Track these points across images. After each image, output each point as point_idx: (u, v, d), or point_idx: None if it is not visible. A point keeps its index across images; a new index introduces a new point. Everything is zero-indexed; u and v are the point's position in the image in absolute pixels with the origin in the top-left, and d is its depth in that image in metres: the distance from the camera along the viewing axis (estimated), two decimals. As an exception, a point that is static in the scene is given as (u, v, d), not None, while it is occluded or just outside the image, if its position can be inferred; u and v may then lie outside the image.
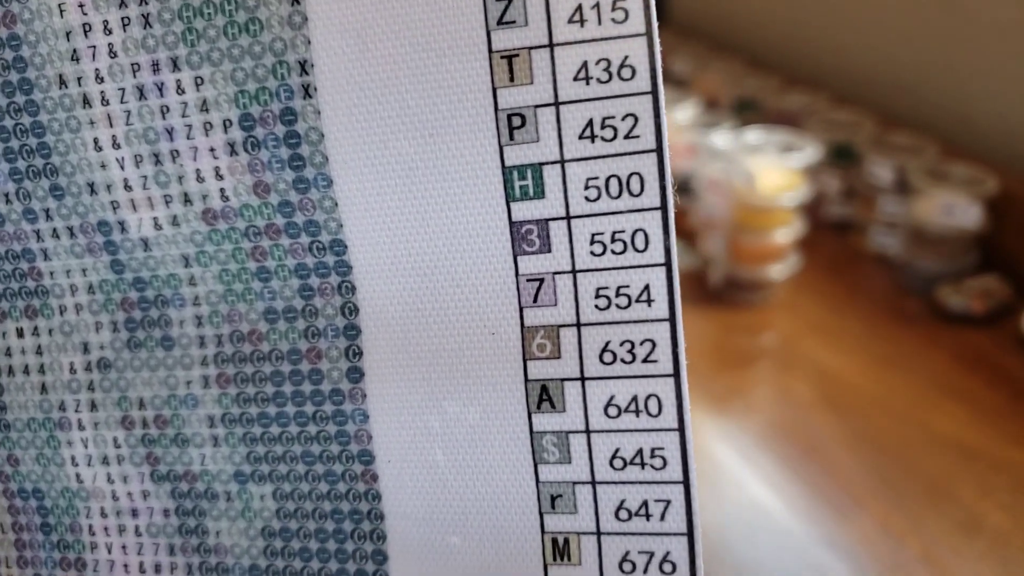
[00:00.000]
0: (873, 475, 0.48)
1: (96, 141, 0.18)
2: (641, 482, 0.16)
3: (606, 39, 0.15)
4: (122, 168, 0.18)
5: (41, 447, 0.21)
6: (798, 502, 0.47)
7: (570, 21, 0.15)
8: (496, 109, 0.16)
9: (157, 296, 0.19)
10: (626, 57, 0.15)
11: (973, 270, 0.56)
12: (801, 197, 0.56)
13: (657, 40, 0.15)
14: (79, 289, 0.19)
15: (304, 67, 0.16)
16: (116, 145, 0.18)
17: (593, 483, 0.17)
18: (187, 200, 0.18)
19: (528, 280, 0.16)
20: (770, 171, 0.58)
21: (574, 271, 0.16)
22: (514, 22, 0.15)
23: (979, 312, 0.55)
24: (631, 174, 0.15)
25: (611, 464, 0.17)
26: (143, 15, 0.17)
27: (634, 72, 0.15)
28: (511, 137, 0.16)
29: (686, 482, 0.16)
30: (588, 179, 0.16)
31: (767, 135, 0.60)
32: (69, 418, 0.20)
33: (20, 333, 0.20)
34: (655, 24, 0.15)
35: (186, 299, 0.19)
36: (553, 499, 0.17)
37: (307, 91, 0.16)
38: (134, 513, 0.20)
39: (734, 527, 0.45)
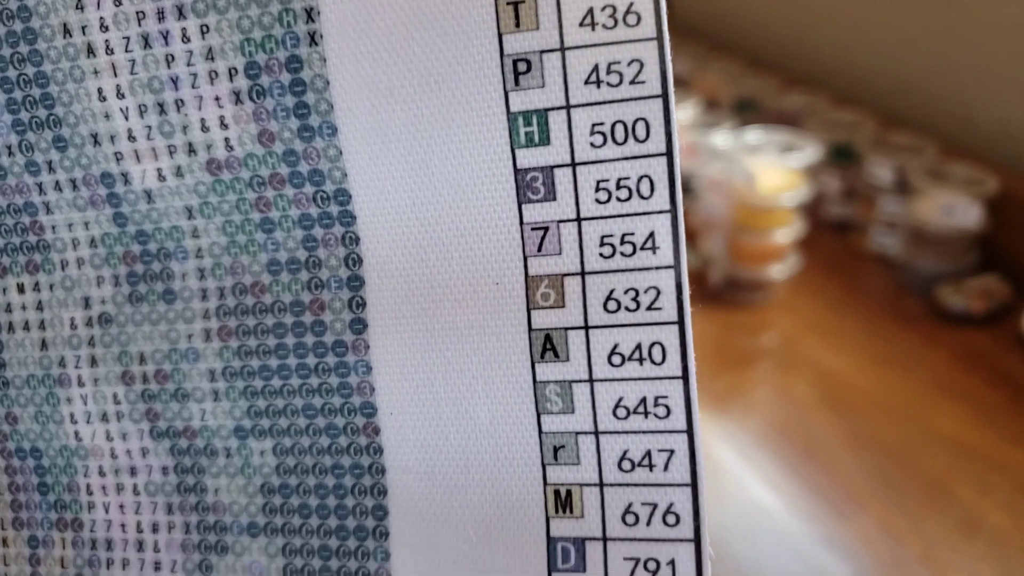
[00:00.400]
0: (873, 475, 0.48)
1: (100, 91, 0.18)
2: (644, 431, 0.16)
3: None
4: (126, 118, 0.18)
5: (40, 404, 0.21)
6: (798, 502, 0.47)
7: None
8: (502, 55, 0.16)
9: (160, 249, 0.19)
10: (631, 4, 0.15)
11: (973, 270, 0.56)
12: (801, 197, 0.57)
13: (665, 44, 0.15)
14: (81, 243, 0.20)
15: (310, 14, 0.17)
16: (120, 95, 0.18)
17: (596, 433, 0.17)
18: (191, 150, 0.18)
19: (533, 229, 0.16)
20: (770, 171, 0.58)
21: (579, 219, 0.16)
22: (521, -33, 0.15)
23: (979, 312, 0.55)
24: (637, 120, 0.15)
25: (614, 413, 0.17)
26: (150, -37, 0.17)
27: (639, 19, 0.15)
28: (516, 83, 0.16)
29: (690, 431, 0.16)
30: (593, 125, 0.16)
31: (767, 135, 0.60)
32: (69, 374, 0.20)
33: (21, 289, 0.20)
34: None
35: (189, 252, 0.19)
36: (556, 450, 0.17)
37: (313, 38, 0.17)
38: (132, 471, 0.20)
39: (734, 527, 0.45)
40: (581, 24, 0.15)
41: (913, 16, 0.64)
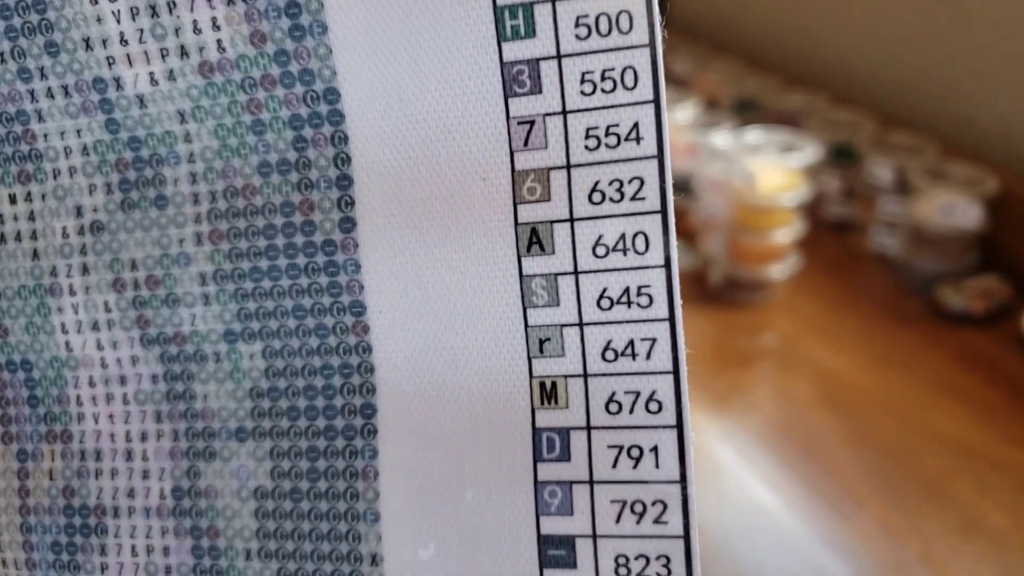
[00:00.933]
0: (873, 475, 0.48)
1: (95, -9, 0.19)
2: (627, 321, 0.17)
3: None
4: (118, 21, 0.19)
5: (31, 315, 0.21)
6: (798, 502, 0.47)
7: None
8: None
9: (152, 155, 0.19)
10: None
11: (973, 270, 0.57)
12: (801, 197, 0.57)
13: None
14: (73, 151, 0.20)
15: None
16: (115, -4, 0.19)
17: (580, 325, 0.17)
18: (184, 53, 0.18)
19: (519, 123, 0.17)
20: (770, 171, 0.59)
21: (564, 112, 0.17)
22: None
23: (979, 312, 0.55)
24: (620, 12, 0.16)
25: (598, 304, 0.17)
26: None
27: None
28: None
29: (671, 319, 0.17)
30: (578, 17, 0.16)
31: (767, 135, 0.61)
32: (60, 283, 0.21)
33: (13, 199, 0.21)
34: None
35: (181, 156, 0.19)
36: (541, 343, 0.17)
37: None
38: (122, 380, 0.20)
39: (734, 527, 0.45)
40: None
41: (913, 16, 0.65)
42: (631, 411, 0.17)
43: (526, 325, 0.18)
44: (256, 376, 0.20)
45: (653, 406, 0.17)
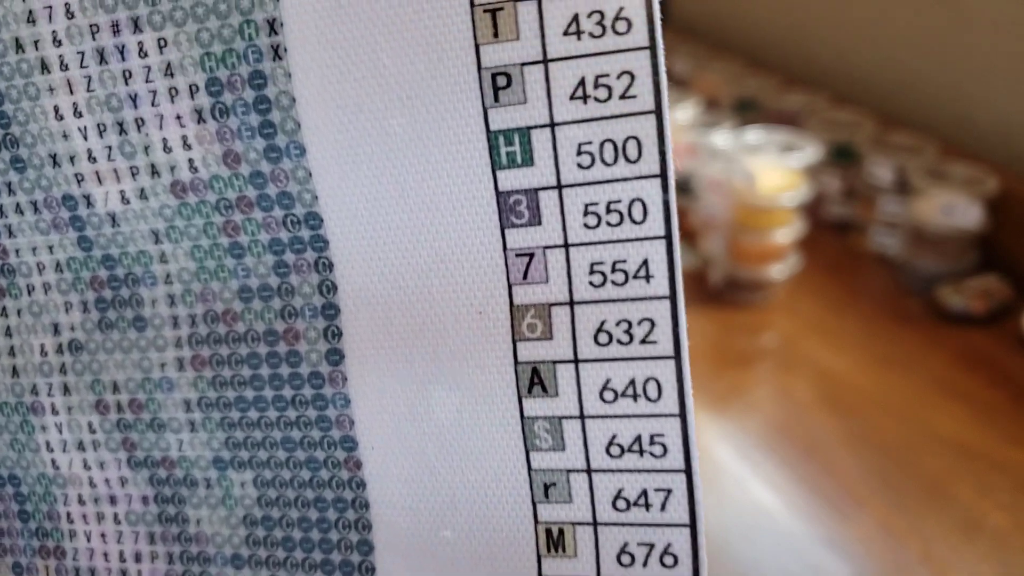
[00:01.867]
0: (873, 475, 0.47)
1: (57, 109, 0.16)
2: (640, 470, 0.15)
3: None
4: (85, 138, 0.16)
5: (15, 432, 0.19)
6: (798, 502, 0.45)
7: None
8: (479, 68, 0.14)
9: (127, 274, 0.17)
10: (621, 8, 0.13)
11: (973, 270, 0.54)
12: (801, 197, 0.55)
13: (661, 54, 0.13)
14: (46, 267, 0.18)
15: (273, 26, 0.15)
16: (78, 113, 0.16)
17: (589, 471, 0.15)
18: (155, 172, 0.16)
19: (517, 255, 0.15)
20: (770, 171, 0.56)
21: (566, 245, 0.14)
22: (498, -29, 0.14)
23: (979, 312, 0.53)
24: (628, 138, 0.14)
25: (607, 451, 0.15)
26: (103, -29, 0.15)
27: (630, 25, 0.13)
28: (496, 99, 0.14)
29: (688, 470, 0.14)
30: (581, 144, 0.14)
31: (767, 135, 0.58)
32: (42, 402, 0.19)
33: (-14, 315, 0.19)
34: (659, 40, 0.13)
35: (157, 277, 0.17)
36: (546, 487, 0.15)
37: (277, 52, 0.15)
38: (112, 500, 0.19)
39: (734, 527, 0.43)
40: (565, 33, 0.13)
41: (912, 16, 0.62)
42: (645, 564, 0.15)
43: (529, 468, 0.15)
44: (249, 504, 0.18)
45: (668, 560, 0.15)
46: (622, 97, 0.13)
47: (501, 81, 0.14)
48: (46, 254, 0.18)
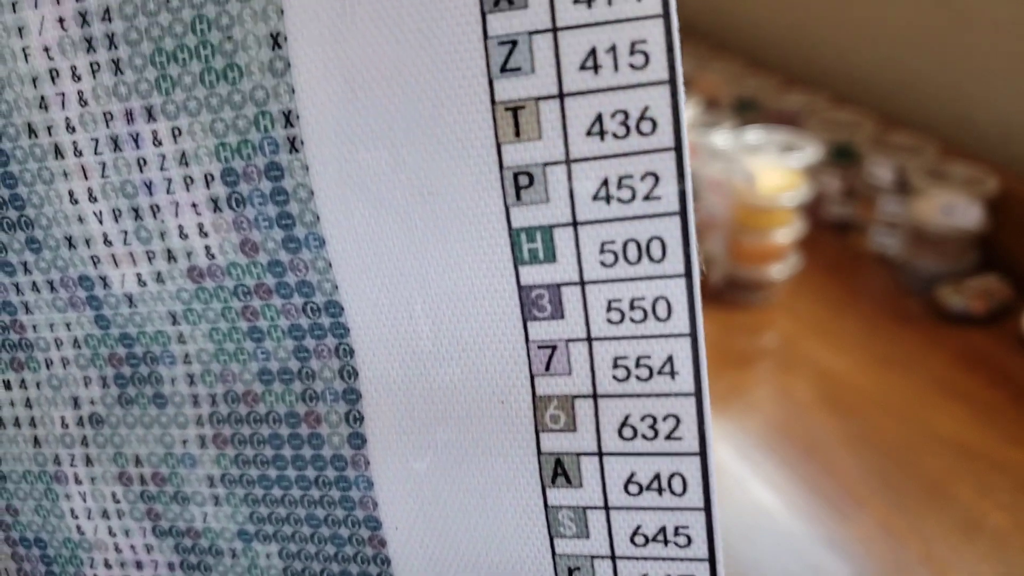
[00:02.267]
0: (873, 475, 0.47)
1: (71, 194, 0.16)
2: (664, 559, 0.14)
3: (623, 88, 0.13)
4: (100, 222, 0.16)
5: (39, 499, 0.19)
6: (798, 502, 0.45)
7: (582, 68, 0.13)
8: (501, 167, 0.14)
9: (146, 352, 0.17)
10: (646, 108, 0.13)
11: (973, 270, 0.54)
12: (801, 197, 0.54)
13: (682, 89, 0.13)
14: (64, 343, 0.18)
15: (289, 118, 0.14)
16: (93, 198, 0.16)
17: (613, 558, 0.15)
18: (171, 257, 0.16)
19: (539, 347, 0.14)
20: (770, 171, 0.55)
21: (589, 339, 0.14)
22: (519, 69, 0.13)
23: (979, 312, 0.53)
24: (651, 238, 0.13)
25: (632, 540, 0.15)
26: (113, 60, 0.15)
27: (655, 126, 0.13)
28: (518, 197, 0.14)
29: (712, 560, 0.14)
30: (603, 243, 0.13)
31: (767, 135, 0.57)
32: (65, 472, 0.18)
33: (7, 385, 0.18)
34: (679, 71, 0.13)
35: (176, 357, 0.17)
36: (571, 571, 0.15)
37: (293, 144, 0.14)
38: (139, 565, 0.18)
39: (734, 527, 0.43)
40: (589, 133, 0.13)
41: (912, 16, 0.61)
42: None
43: (553, 553, 0.15)
44: (275, 575, 0.17)
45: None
46: (646, 198, 0.13)
47: (523, 180, 0.13)
48: (63, 330, 0.17)
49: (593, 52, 0.13)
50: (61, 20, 0.15)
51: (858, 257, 0.59)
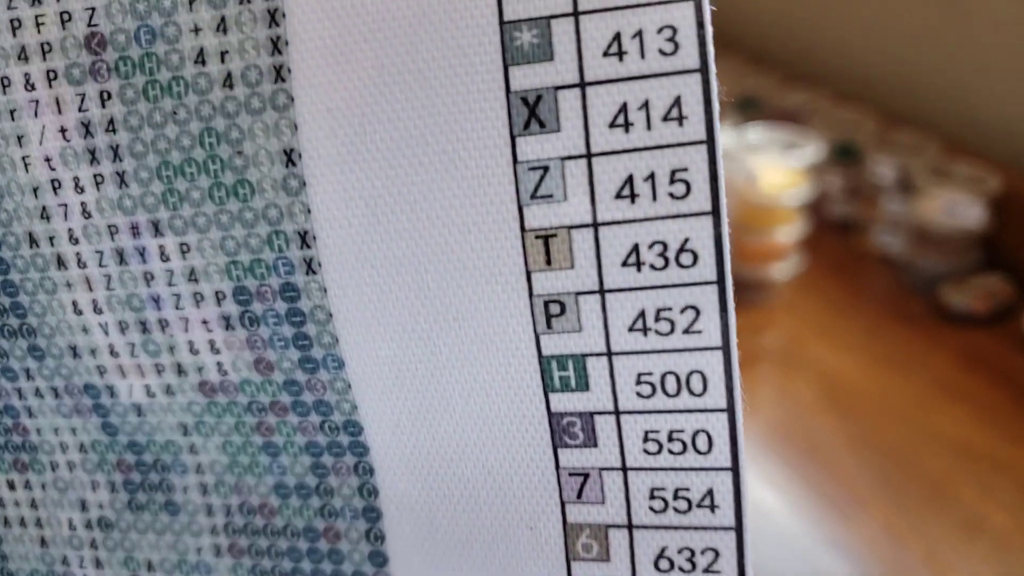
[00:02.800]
0: (875, 475, 0.46)
1: (75, 304, 0.15)
2: None
3: (662, 218, 0.12)
4: (106, 334, 0.15)
5: None
6: (800, 503, 0.45)
7: (618, 196, 0.12)
8: (531, 294, 0.13)
9: (156, 460, 0.16)
10: (686, 240, 0.12)
11: (976, 269, 0.53)
12: (803, 195, 0.53)
13: (726, 221, 0.12)
14: (70, 447, 0.17)
15: (305, 239, 0.13)
16: (98, 310, 0.15)
17: None
18: (181, 371, 0.15)
19: (571, 474, 0.14)
20: (772, 169, 0.54)
21: (624, 468, 0.13)
22: (551, 196, 0.12)
23: (982, 312, 0.52)
24: (692, 372, 0.12)
25: None
26: (118, 173, 0.14)
27: (696, 258, 0.12)
28: (549, 325, 0.13)
29: None
30: (640, 374, 0.13)
31: (769, 133, 0.56)
32: (73, 573, 0.18)
33: (12, 486, 0.17)
34: (723, 202, 0.12)
35: (188, 466, 0.16)
36: None
37: (310, 266, 0.13)
38: None
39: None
40: (624, 264, 0.12)
41: (915, 13, 0.59)
42: None
43: None
44: None
45: None
46: (686, 331, 0.12)
47: (555, 309, 0.13)
48: (69, 435, 0.16)
49: (630, 180, 0.12)
50: (63, 130, 0.14)
51: (860, 257, 0.58)
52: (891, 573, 0.41)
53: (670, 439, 0.13)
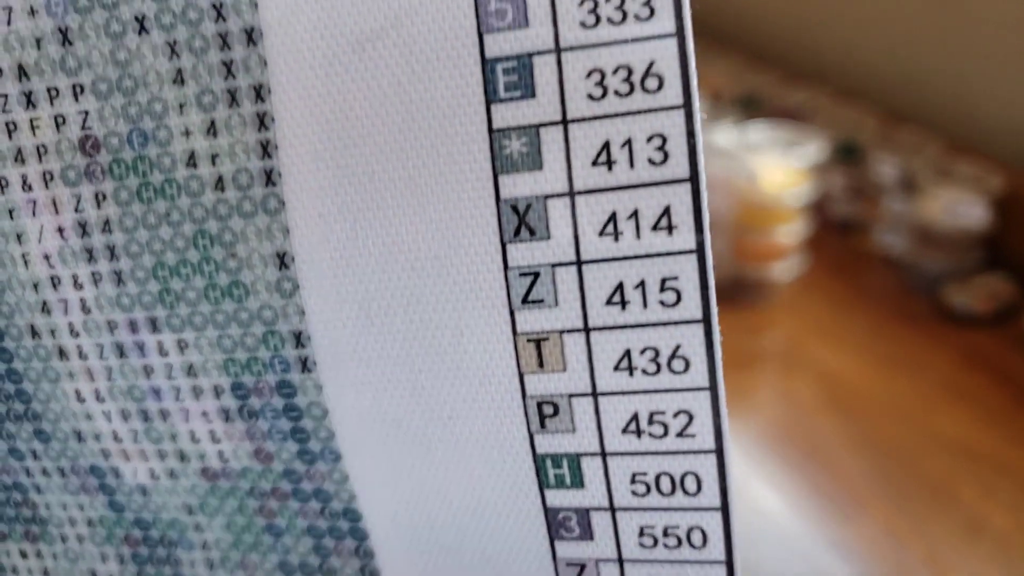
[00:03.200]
0: (876, 476, 0.46)
1: (78, 393, 0.15)
2: None
3: (654, 324, 0.12)
4: (109, 421, 0.15)
5: None
6: (801, 504, 0.45)
7: (609, 303, 0.12)
8: (524, 396, 0.13)
9: (163, 536, 0.16)
10: (678, 347, 0.12)
11: (979, 269, 0.53)
12: (805, 194, 0.53)
13: (717, 329, 0.12)
14: (78, 521, 0.17)
15: (299, 339, 0.13)
16: (100, 399, 0.15)
17: None
18: (183, 457, 0.15)
19: (568, 564, 0.14)
20: (773, 168, 0.54)
21: (620, 561, 0.13)
22: (542, 301, 0.12)
23: (984, 312, 0.52)
24: (686, 473, 0.12)
25: None
26: (115, 272, 0.14)
27: (688, 364, 0.12)
28: (543, 425, 0.13)
29: None
30: (635, 474, 0.13)
31: (770, 131, 0.56)
32: None
33: (24, 554, 0.18)
34: (714, 311, 0.12)
35: (194, 543, 0.16)
36: None
37: (305, 364, 0.13)
38: None
39: (736, 529, 0.43)
40: (616, 369, 0.12)
41: (918, 11, 0.58)
42: None
43: None
44: None
45: None
46: (679, 435, 0.12)
47: (548, 410, 0.13)
48: (77, 511, 0.17)
49: (620, 287, 0.12)
50: (60, 229, 0.14)
51: (862, 256, 0.58)
52: (892, 574, 0.41)
53: (665, 534, 0.13)
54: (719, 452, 0.12)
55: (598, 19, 0.11)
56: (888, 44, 0.61)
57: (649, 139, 0.11)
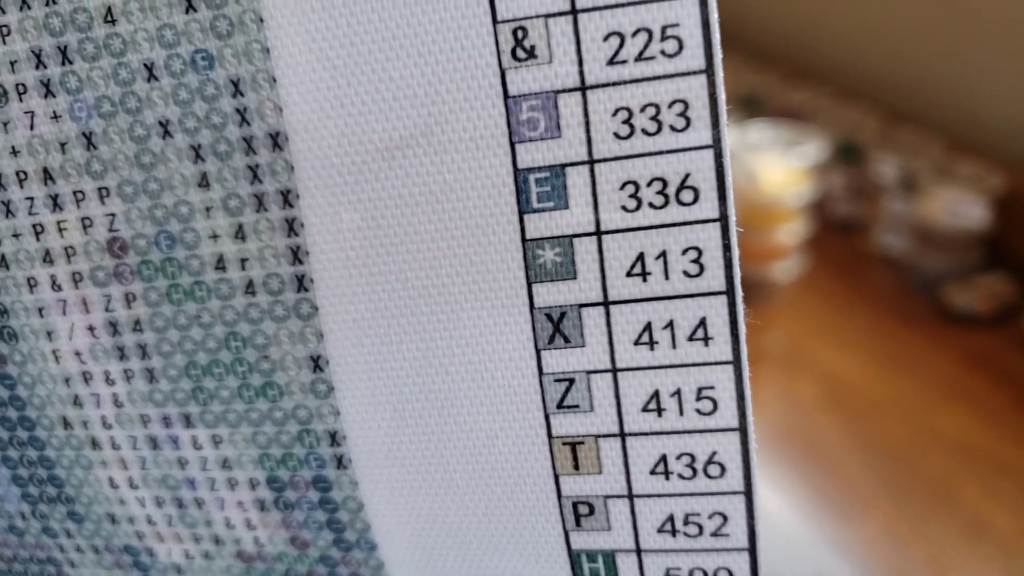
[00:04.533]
0: (878, 477, 0.47)
1: (111, 480, 0.15)
2: None
3: (689, 432, 0.12)
4: (143, 506, 0.15)
5: None
6: (802, 504, 0.45)
7: (644, 410, 0.12)
8: (559, 496, 0.13)
9: None
10: (714, 453, 0.12)
11: (979, 269, 0.53)
12: (805, 194, 0.53)
13: (752, 437, 0.12)
14: (112, 595, 0.17)
15: (335, 438, 0.13)
16: (133, 486, 0.15)
17: None
18: (218, 541, 0.15)
19: None
20: (774, 168, 0.54)
21: None
22: (577, 407, 0.12)
23: (985, 312, 0.52)
24: (719, 568, 0.13)
25: None
26: (147, 369, 0.14)
27: (723, 470, 0.12)
28: (578, 524, 0.13)
29: None
30: (669, 569, 0.13)
31: (771, 131, 0.55)
32: None
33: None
34: (750, 420, 0.12)
35: None
36: None
37: (340, 461, 0.13)
38: None
39: None
40: (652, 472, 0.12)
41: (918, 11, 0.58)
42: None
43: None
44: None
45: None
46: (714, 535, 0.12)
47: (583, 510, 0.13)
48: (111, 585, 0.17)
49: (656, 395, 0.12)
50: (91, 328, 0.14)
51: (863, 256, 0.58)
52: (893, 574, 0.42)
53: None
54: (752, 552, 0.12)
55: (632, 129, 0.11)
56: (889, 44, 0.61)
57: (684, 251, 0.11)
